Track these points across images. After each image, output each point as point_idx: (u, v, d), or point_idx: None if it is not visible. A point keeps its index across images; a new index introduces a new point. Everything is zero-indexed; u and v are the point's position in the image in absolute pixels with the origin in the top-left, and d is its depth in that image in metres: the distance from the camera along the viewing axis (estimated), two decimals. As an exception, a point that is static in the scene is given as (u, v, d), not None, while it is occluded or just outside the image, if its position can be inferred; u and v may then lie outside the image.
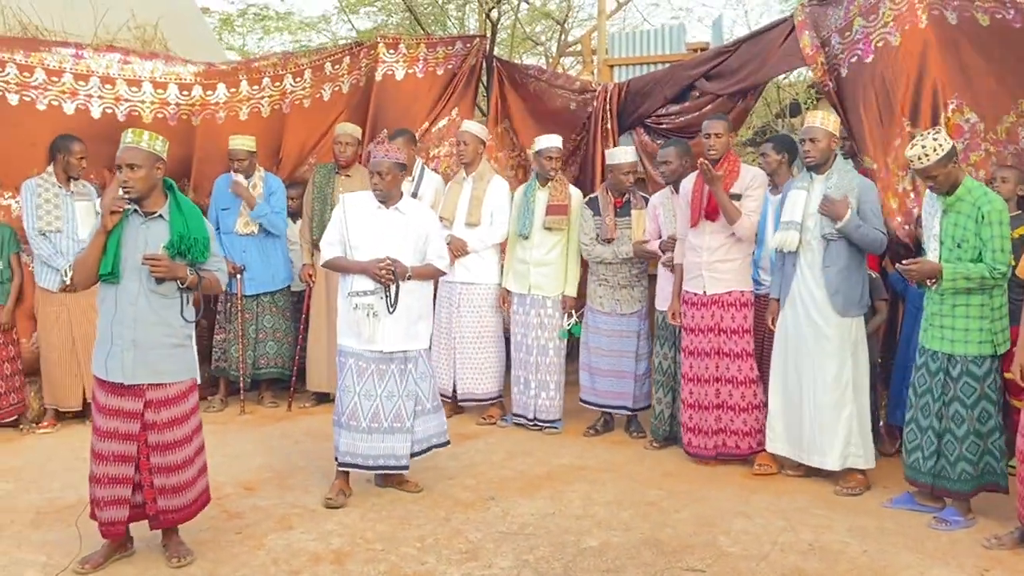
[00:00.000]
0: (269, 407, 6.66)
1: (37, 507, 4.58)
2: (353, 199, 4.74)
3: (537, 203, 5.95)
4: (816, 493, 4.81)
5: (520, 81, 7.28)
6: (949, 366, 4.32)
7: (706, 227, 5.18)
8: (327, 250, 4.68)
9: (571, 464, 5.34)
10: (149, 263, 3.65)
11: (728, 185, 5.09)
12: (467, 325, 6.18)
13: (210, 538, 4.16)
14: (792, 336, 4.89)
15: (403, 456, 4.69)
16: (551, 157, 5.93)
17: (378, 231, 4.60)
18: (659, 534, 4.25)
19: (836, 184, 4.71)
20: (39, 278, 5.95)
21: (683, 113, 6.57)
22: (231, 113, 6.82)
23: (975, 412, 4.26)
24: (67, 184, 5.96)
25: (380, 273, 4.48)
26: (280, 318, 6.71)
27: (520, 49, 10.96)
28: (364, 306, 4.52)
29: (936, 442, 4.37)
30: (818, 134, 4.72)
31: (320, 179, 6.50)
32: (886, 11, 5.09)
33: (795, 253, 4.83)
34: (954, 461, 4.30)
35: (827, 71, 5.51)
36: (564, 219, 5.91)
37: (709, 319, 5.22)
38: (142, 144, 3.72)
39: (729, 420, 5.21)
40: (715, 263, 5.19)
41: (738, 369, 5.18)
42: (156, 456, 3.79)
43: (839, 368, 4.76)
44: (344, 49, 7.12)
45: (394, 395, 4.66)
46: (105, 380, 3.75)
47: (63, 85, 6.27)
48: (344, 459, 4.64)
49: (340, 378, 4.67)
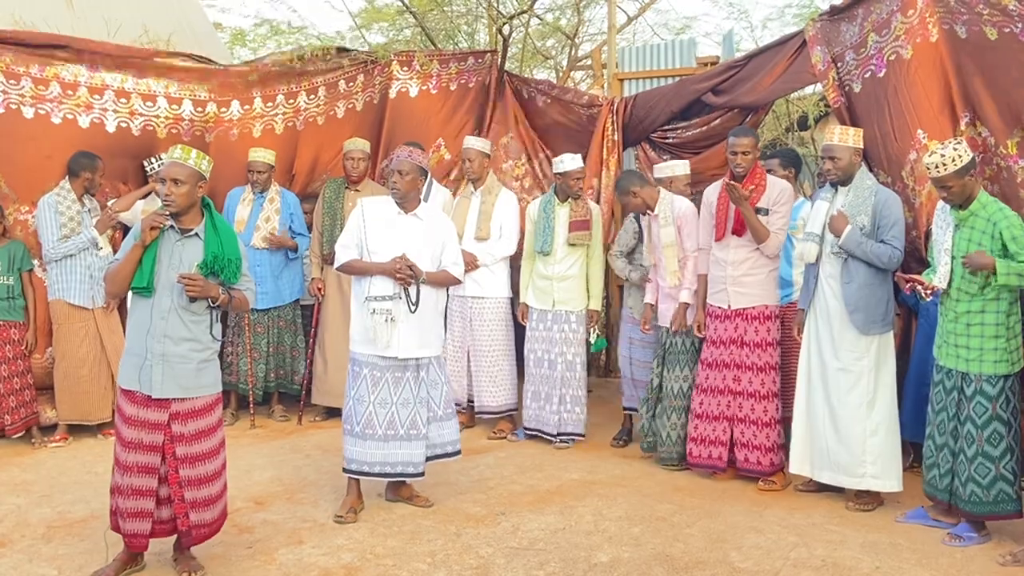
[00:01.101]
0: (280, 420, 6.66)
1: (48, 521, 4.59)
2: (372, 204, 4.76)
3: (558, 219, 5.93)
4: (829, 508, 4.78)
5: (529, 96, 7.32)
6: (964, 384, 4.29)
7: (731, 241, 5.16)
8: (342, 253, 4.67)
9: (581, 479, 5.33)
10: (184, 282, 3.69)
11: (755, 200, 5.06)
12: (480, 339, 6.22)
13: (221, 553, 4.15)
14: (814, 349, 4.86)
15: (420, 463, 4.69)
16: (577, 178, 5.92)
17: (396, 236, 4.61)
18: (670, 549, 4.23)
19: (852, 201, 4.67)
20: (66, 293, 5.95)
21: (689, 128, 6.56)
22: (244, 130, 6.84)
23: (986, 433, 4.21)
24: (82, 201, 6.00)
25: (399, 270, 4.48)
26: (289, 332, 6.73)
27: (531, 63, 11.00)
28: (382, 311, 4.52)
29: (951, 460, 4.34)
30: (838, 151, 4.68)
31: (330, 194, 6.53)
32: (898, 25, 5.08)
33: (816, 265, 4.81)
34: (964, 482, 4.26)
35: (838, 87, 5.50)
36: (588, 234, 5.92)
37: (732, 331, 5.20)
38: (189, 161, 3.79)
39: (752, 435, 5.15)
40: (740, 277, 5.16)
41: (761, 383, 5.14)
42: (185, 468, 3.81)
43: (854, 385, 4.72)
44: (358, 67, 7.14)
45: (409, 402, 4.66)
46: (133, 391, 3.78)
47: (78, 98, 6.30)
48: (351, 467, 4.64)
49: (353, 387, 4.66)
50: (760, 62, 6.20)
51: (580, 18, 10.49)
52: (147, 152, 6.48)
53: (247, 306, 4.04)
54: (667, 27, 11.56)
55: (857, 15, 5.38)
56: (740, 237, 5.12)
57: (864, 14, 5.32)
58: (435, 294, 4.73)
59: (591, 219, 5.95)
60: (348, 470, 4.67)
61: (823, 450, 4.83)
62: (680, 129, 6.67)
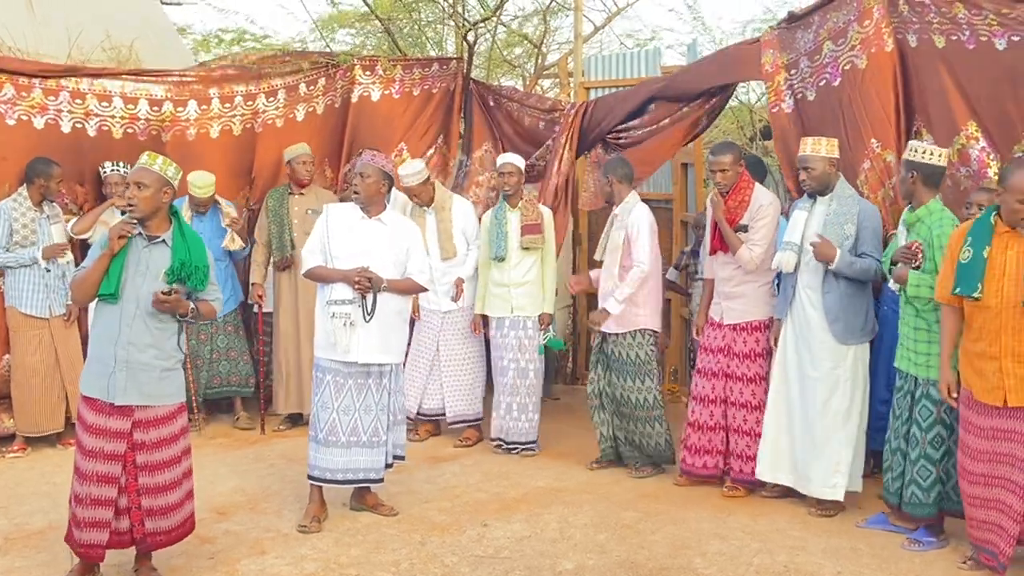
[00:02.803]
0: (245, 429, 6.58)
1: (5, 533, 4.51)
2: (336, 209, 4.77)
3: (510, 224, 5.96)
4: (792, 514, 4.82)
5: (494, 103, 7.33)
6: (914, 388, 4.37)
7: (719, 256, 5.20)
8: (309, 259, 4.65)
9: (548, 486, 5.33)
10: (160, 298, 3.68)
11: (738, 215, 5.06)
12: (455, 349, 6.20)
13: (183, 564, 4.11)
14: (791, 358, 4.88)
15: (381, 469, 4.70)
16: (504, 173, 5.98)
17: (359, 241, 4.60)
18: (635, 556, 4.25)
19: (836, 210, 4.70)
20: (17, 301, 5.86)
21: (640, 127, 6.57)
22: (202, 130, 6.77)
23: (929, 435, 4.29)
24: (40, 207, 5.91)
25: (357, 281, 4.47)
26: (235, 337, 6.67)
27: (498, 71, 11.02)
28: (341, 315, 4.51)
29: (903, 464, 4.41)
30: (812, 162, 4.71)
31: (274, 203, 6.45)
32: (854, 34, 5.16)
33: (794, 274, 4.83)
34: (907, 484, 4.34)
35: (783, 93, 5.54)
36: (540, 237, 5.94)
37: (720, 340, 5.21)
38: (154, 166, 3.81)
39: (746, 445, 5.12)
40: (728, 292, 5.19)
41: (752, 393, 5.13)
42: (144, 476, 3.78)
43: (830, 394, 4.74)
44: (319, 70, 7.12)
45: (371, 409, 4.65)
46: (94, 399, 3.74)
47: (32, 100, 6.22)
48: (315, 473, 4.62)
49: (317, 394, 4.65)
50: (711, 61, 6.27)
51: (547, 27, 10.52)
52: (103, 152, 6.39)
53: (214, 315, 4.04)
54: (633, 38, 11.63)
55: (813, 22, 5.44)
56: (725, 254, 5.15)
57: (820, 22, 5.38)
58: (400, 301, 4.72)
59: (542, 222, 5.97)
60: (312, 477, 4.65)
61: (796, 459, 4.86)
62: (632, 130, 6.69)
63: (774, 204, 5.16)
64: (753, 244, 5.05)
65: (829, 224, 4.72)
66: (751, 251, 5.03)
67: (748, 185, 5.12)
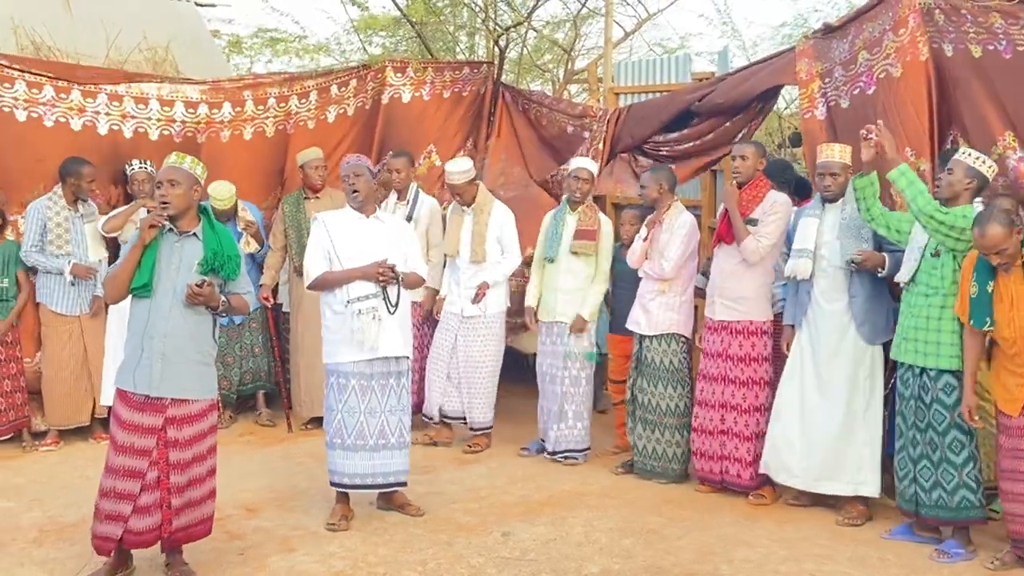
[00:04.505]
0: (266, 425, 6.65)
1: (40, 525, 4.59)
2: (329, 216, 4.75)
3: (566, 227, 5.84)
4: (819, 522, 4.80)
5: (522, 107, 7.35)
6: (922, 392, 4.38)
7: (724, 248, 5.21)
8: (315, 267, 4.61)
9: (573, 490, 5.34)
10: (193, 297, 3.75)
11: (749, 209, 5.10)
12: (474, 355, 6.09)
13: (212, 559, 4.16)
14: (808, 363, 4.89)
15: (407, 471, 4.72)
16: (578, 178, 5.81)
17: (364, 240, 4.62)
18: (661, 562, 4.25)
19: (851, 214, 4.74)
20: (47, 299, 5.98)
21: (682, 140, 6.57)
22: (235, 132, 6.87)
23: (947, 439, 4.32)
24: (75, 206, 6.01)
25: (383, 273, 4.49)
26: (260, 333, 6.73)
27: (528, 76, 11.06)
28: (368, 309, 4.50)
29: (913, 468, 4.44)
30: (836, 168, 4.77)
31: (290, 208, 6.51)
32: (888, 43, 5.15)
33: (808, 281, 4.85)
34: (931, 487, 4.35)
35: (816, 100, 5.54)
36: (592, 244, 5.79)
37: (719, 344, 5.23)
38: (184, 165, 3.90)
39: (734, 447, 5.18)
40: (727, 287, 5.19)
41: (743, 397, 5.16)
42: (175, 474, 3.83)
43: (850, 394, 4.78)
44: (351, 71, 7.18)
45: (395, 410, 4.67)
46: (129, 393, 3.80)
47: (71, 102, 6.32)
48: (342, 480, 4.60)
49: (340, 399, 4.60)
50: (747, 72, 6.26)
51: (577, 33, 10.56)
52: (139, 154, 6.47)
53: (247, 309, 4.11)
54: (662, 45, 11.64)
55: (849, 32, 5.44)
56: (729, 245, 5.17)
57: (856, 32, 5.38)
58: (407, 294, 4.76)
59: (598, 229, 5.83)
60: (337, 484, 4.64)
61: (814, 461, 4.86)
62: (672, 142, 6.69)
63: (788, 205, 5.19)
64: (761, 236, 5.07)
65: (844, 229, 4.77)
66: (758, 242, 5.05)
67: (765, 184, 5.19)
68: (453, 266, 6.16)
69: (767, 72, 5.98)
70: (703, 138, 6.40)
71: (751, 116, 6.25)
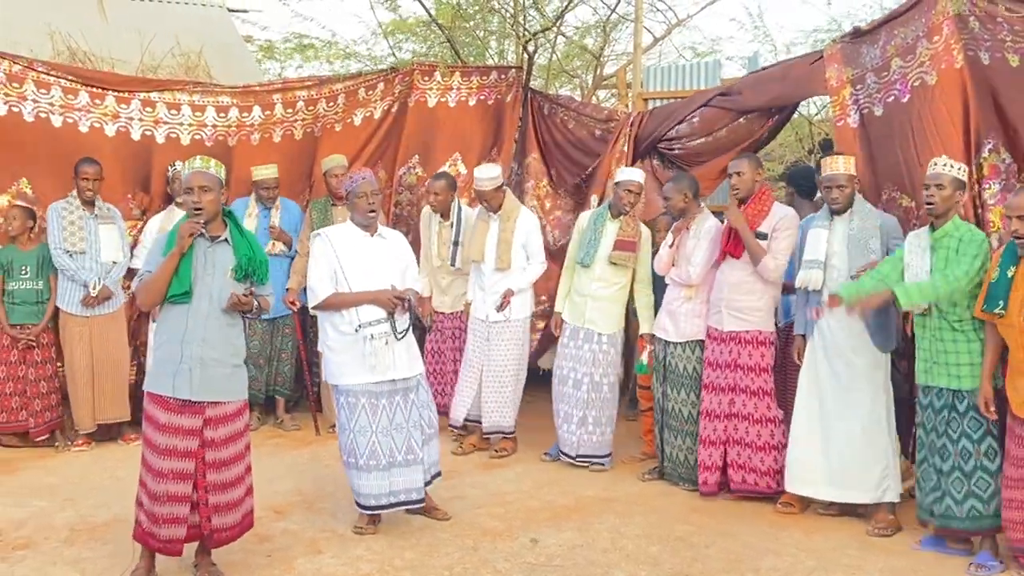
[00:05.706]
0: (292, 429, 6.69)
1: (72, 524, 4.65)
2: (333, 232, 4.69)
3: (605, 234, 5.77)
4: (848, 532, 4.75)
5: (549, 112, 7.34)
6: (956, 401, 4.34)
7: (728, 263, 5.20)
8: (322, 288, 4.54)
9: (598, 496, 5.33)
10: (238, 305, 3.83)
11: (756, 223, 5.08)
12: (497, 359, 6.06)
13: (240, 560, 4.19)
14: (823, 372, 4.88)
15: (421, 488, 4.66)
16: (629, 191, 5.73)
17: (370, 259, 4.60)
18: (688, 570, 4.23)
19: (859, 226, 4.77)
20: (62, 301, 6.05)
21: (693, 135, 6.50)
22: (265, 135, 6.93)
23: (982, 447, 4.29)
24: (90, 207, 6.07)
25: (395, 301, 4.49)
26: (290, 339, 6.78)
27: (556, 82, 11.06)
28: (381, 334, 4.49)
29: (935, 479, 4.40)
30: (843, 180, 4.81)
31: (318, 214, 6.53)
32: (923, 51, 5.09)
33: (819, 291, 4.85)
34: (963, 498, 4.31)
35: (848, 107, 5.49)
36: (632, 256, 5.73)
37: (727, 355, 5.21)
38: (211, 169, 3.93)
39: (748, 457, 5.16)
40: (734, 299, 5.17)
41: (755, 407, 5.14)
42: (212, 473, 3.87)
43: (872, 402, 4.77)
44: (379, 75, 7.22)
45: (403, 427, 4.61)
46: (167, 398, 3.83)
47: (105, 108, 6.41)
48: (368, 502, 4.55)
49: (352, 419, 4.54)
50: (774, 72, 6.21)
51: (606, 38, 10.55)
52: (171, 159, 6.55)
53: (269, 309, 4.17)
54: (693, 49, 11.60)
55: (879, 38, 5.38)
56: (737, 259, 5.14)
57: (887, 38, 5.32)
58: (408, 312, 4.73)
59: (639, 241, 5.77)
60: (363, 506, 4.59)
61: (835, 470, 4.83)
62: (684, 139, 6.65)
63: (796, 219, 5.17)
64: (777, 254, 5.06)
65: (853, 241, 4.80)
66: (776, 260, 5.05)
67: (768, 196, 5.18)
68: (478, 272, 6.15)
69: (796, 83, 5.92)
70: (715, 134, 6.33)
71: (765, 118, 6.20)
